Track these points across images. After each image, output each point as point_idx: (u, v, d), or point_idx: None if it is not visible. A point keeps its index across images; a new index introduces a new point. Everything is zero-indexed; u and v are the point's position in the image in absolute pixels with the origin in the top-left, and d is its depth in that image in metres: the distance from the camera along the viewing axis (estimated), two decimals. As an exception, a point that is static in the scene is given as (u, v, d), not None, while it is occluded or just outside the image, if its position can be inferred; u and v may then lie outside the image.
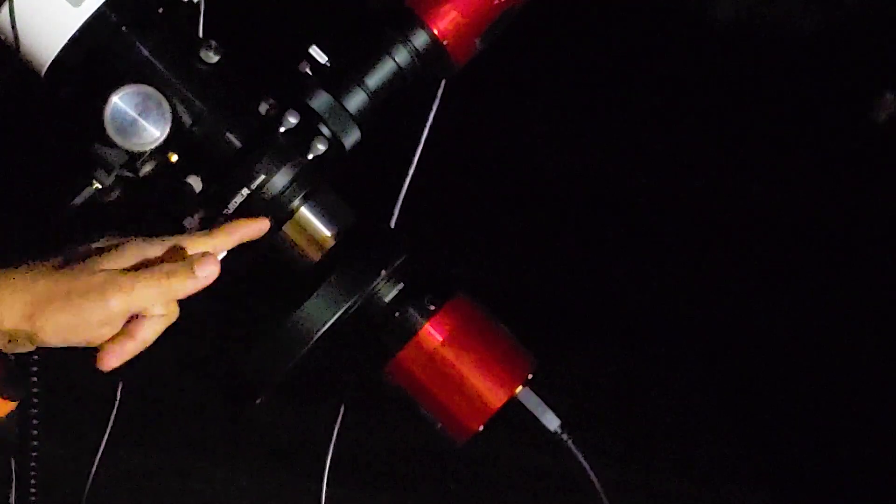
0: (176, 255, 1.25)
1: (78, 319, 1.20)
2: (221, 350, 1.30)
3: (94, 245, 1.25)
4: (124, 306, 1.21)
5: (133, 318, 1.23)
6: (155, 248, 1.25)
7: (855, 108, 4.41)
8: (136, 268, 1.23)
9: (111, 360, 1.23)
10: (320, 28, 1.38)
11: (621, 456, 3.50)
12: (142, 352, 1.24)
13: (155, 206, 1.32)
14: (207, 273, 1.23)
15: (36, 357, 1.36)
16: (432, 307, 1.35)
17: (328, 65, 1.35)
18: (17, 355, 1.24)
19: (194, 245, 1.26)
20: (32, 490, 1.38)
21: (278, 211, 1.31)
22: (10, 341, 1.21)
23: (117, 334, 1.23)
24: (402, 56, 1.36)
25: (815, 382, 3.86)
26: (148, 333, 1.24)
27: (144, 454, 3.31)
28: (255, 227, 1.30)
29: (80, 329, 1.20)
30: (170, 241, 1.26)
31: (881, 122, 4.23)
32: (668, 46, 4.76)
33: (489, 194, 4.41)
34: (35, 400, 1.40)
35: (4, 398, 1.22)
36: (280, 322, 1.28)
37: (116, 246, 1.24)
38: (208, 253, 1.24)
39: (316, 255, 1.33)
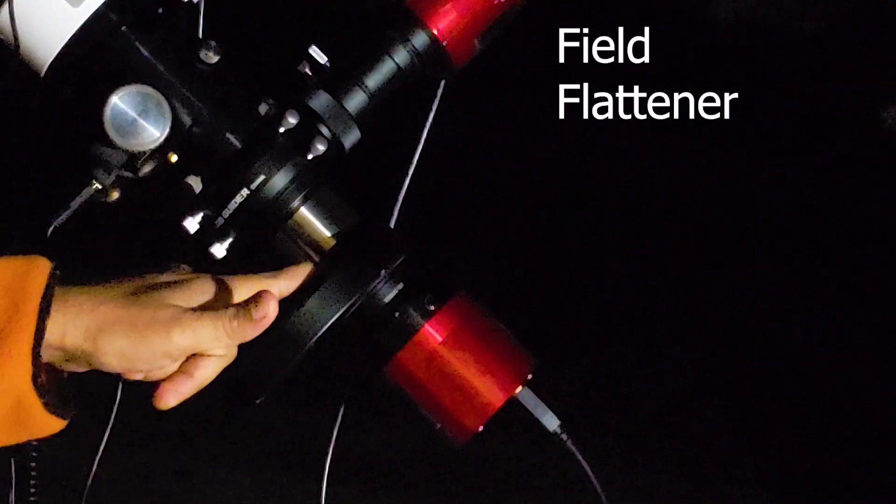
0: (241, 295, 1.26)
1: (139, 348, 1.20)
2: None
3: (164, 276, 1.26)
4: (186, 344, 1.21)
5: (192, 357, 1.23)
6: (222, 287, 1.26)
7: (860, 110, 4.40)
8: (204, 306, 1.24)
9: (169, 399, 1.24)
10: (320, 28, 1.38)
11: (621, 456, 3.50)
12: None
13: (155, 206, 1.32)
14: (262, 314, 1.23)
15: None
16: (432, 307, 1.35)
17: (328, 65, 1.35)
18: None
19: (260, 286, 1.26)
20: (32, 490, 1.38)
21: (278, 211, 1.32)
22: (68, 360, 1.21)
23: (176, 372, 1.23)
24: (401, 56, 1.36)
25: (815, 382, 3.86)
26: (206, 373, 1.24)
27: (144, 454, 3.31)
28: None
29: (140, 358, 1.20)
30: (237, 281, 1.27)
31: (888, 126, 4.22)
32: (668, 46, 4.76)
33: (489, 194, 4.41)
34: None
35: (55, 415, 1.21)
36: (280, 322, 1.28)
37: (185, 281, 1.25)
38: (266, 292, 1.24)
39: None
